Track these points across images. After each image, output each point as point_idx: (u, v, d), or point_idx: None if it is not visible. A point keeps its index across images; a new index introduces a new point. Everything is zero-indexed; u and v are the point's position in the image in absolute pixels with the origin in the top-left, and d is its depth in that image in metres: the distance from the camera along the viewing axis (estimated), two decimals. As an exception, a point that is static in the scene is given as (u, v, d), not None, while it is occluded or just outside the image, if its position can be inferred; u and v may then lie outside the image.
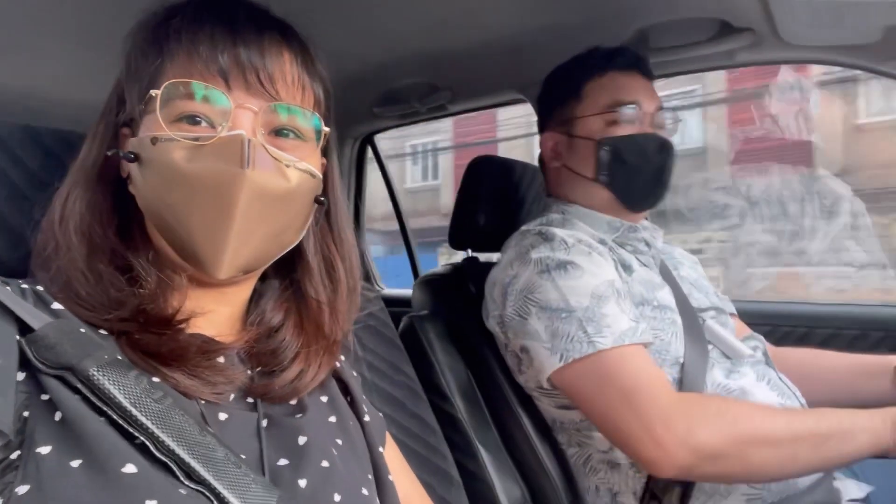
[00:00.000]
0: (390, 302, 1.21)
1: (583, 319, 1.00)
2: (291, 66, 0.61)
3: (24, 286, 0.56)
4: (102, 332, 0.54)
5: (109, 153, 0.60)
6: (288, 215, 0.61)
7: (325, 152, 0.67)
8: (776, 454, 0.89)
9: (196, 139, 0.55)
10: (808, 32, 1.19)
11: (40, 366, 0.48)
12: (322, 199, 0.65)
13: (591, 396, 0.99)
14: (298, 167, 0.60)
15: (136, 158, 0.57)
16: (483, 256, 1.44)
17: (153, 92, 0.56)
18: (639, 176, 1.16)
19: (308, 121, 0.62)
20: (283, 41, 0.61)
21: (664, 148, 1.17)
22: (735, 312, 1.30)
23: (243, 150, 0.55)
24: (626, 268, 1.13)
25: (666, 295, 1.13)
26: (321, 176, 0.64)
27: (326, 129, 0.64)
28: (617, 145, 1.14)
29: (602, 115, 1.16)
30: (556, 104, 1.23)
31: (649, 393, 0.94)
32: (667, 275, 1.20)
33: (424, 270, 1.69)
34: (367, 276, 2.30)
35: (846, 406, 1.14)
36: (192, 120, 0.57)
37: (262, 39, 0.59)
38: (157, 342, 0.54)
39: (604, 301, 1.02)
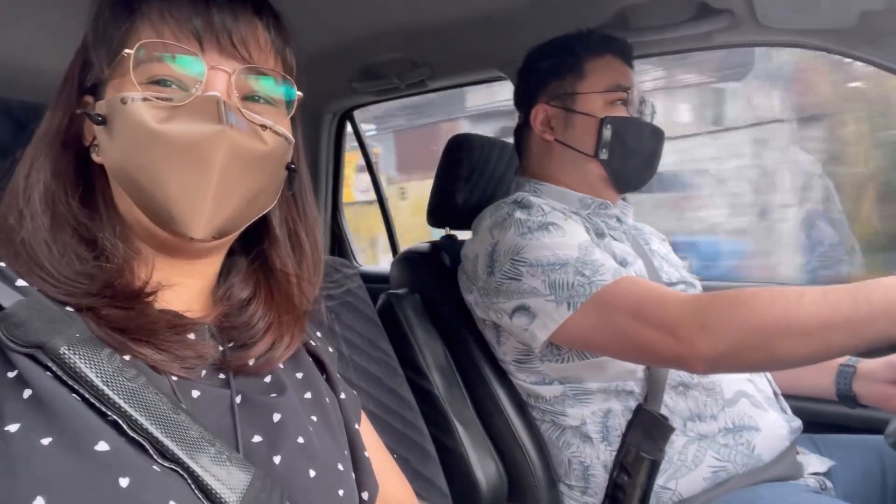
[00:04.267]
0: (368, 279, 1.22)
1: (577, 265, 1.02)
2: (264, 32, 0.61)
3: None
4: (69, 308, 0.53)
5: (78, 111, 0.59)
6: (264, 178, 0.60)
7: (291, 120, 0.66)
8: (804, 343, 0.84)
9: (170, 100, 0.55)
10: (785, 16, 1.20)
11: (10, 344, 0.47)
12: (293, 166, 0.65)
13: (604, 331, 1.00)
14: (275, 130, 0.60)
15: (104, 121, 0.56)
16: (461, 235, 1.44)
17: (126, 52, 0.55)
18: (635, 157, 1.19)
19: (280, 87, 0.62)
20: (255, 8, 0.61)
21: (657, 135, 1.22)
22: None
23: (219, 109, 0.54)
24: (600, 235, 1.16)
25: (640, 267, 1.15)
26: (293, 140, 0.64)
27: (299, 93, 0.63)
28: (620, 125, 1.17)
29: (604, 94, 1.18)
30: (552, 77, 1.23)
31: (657, 304, 0.94)
32: (639, 249, 1.22)
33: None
34: (345, 253, 2.30)
35: (785, 393, 1.18)
36: (164, 83, 0.56)
37: (234, 4, 0.59)
38: (125, 317, 0.54)
39: (591, 251, 1.05)
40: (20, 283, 0.53)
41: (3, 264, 0.54)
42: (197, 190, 0.55)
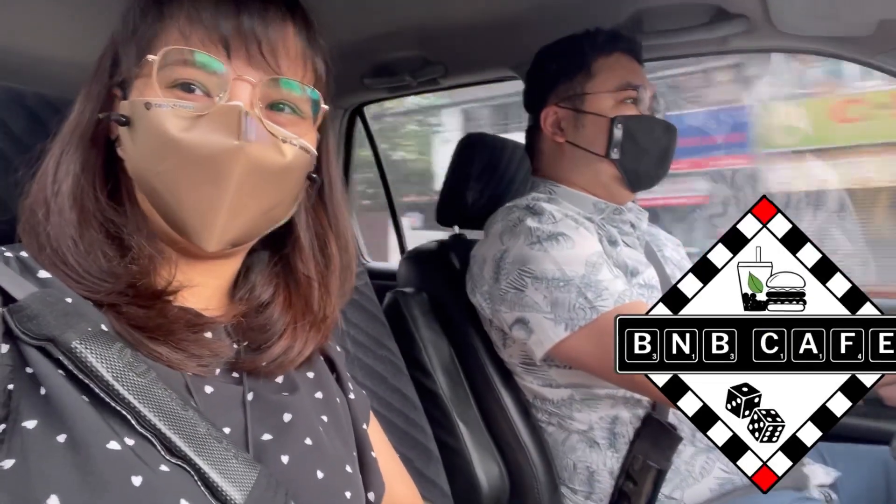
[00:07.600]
0: (375, 276, 1.21)
1: (581, 286, 1.01)
2: (295, 39, 0.60)
3: (8, 254, 0.54)
4: (89, 301, 0.53)
5: (101, 116, 0.58)
6: (281, 191, 0.60)
7: (320, 128, 0.65)
8: None
9: (192, 108, 0.54)
10: (801, 22, 1.19)
11: (23, 336, 0.47)
12: (314, 175, 0.65)
13: (598, 358, 1.00)
14: (294, 143, 0.59)
15: (128, 122, 0.56)
16: (470, 234, 1.44)
17: (150, 57, 0.55)
18: (647, 156, 1.17)
19: (306, 97, 0.61)
20: (288, 12, 0.60)
21: (670, 131, 1.19)
22: None
23: (240, 121, 0.53)
24: (612, 242, 1.15)
25: (652, 274, 1.14)
26: (316, 152, 0.63)
27: (325, 106, 0.62)
28: (630, 124, 1.15)
29: (614, 94, 1.16)
30: (561, 78, 1.21)
31: None
32: (651, 256, 1.21)
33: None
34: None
35: None
36: (188, 87, 0.56)
37: (266, 8, 0.58)
38: (144, 316, 0.54)
39: (598, 268, 1.03)
40: (43, 274, 0.53)
41: (25, 254, 0.55)
42: (211, 203, 0.54)
